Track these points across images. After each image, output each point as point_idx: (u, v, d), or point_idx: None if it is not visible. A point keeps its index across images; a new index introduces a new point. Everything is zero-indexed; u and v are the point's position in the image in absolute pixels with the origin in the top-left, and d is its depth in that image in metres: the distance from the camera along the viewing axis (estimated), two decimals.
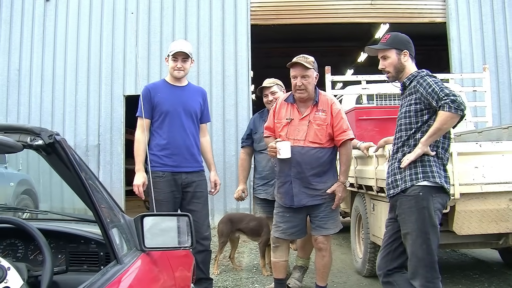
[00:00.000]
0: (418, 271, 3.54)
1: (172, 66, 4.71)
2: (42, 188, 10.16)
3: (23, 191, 9.18)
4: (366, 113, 6.32)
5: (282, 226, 4.69)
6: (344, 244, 8.03)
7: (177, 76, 4.74)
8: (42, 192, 10.23)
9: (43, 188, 10.30)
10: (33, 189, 9.57)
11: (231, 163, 11.01)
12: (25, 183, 9.35)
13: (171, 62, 4.71)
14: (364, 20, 12.57)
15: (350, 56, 18.99)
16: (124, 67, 11.54)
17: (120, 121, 11.49)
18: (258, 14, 11.89)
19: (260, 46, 12.74)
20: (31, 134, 1.73)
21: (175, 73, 4.72)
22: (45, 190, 10.43)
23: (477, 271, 6.01)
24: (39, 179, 10.12)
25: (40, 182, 10.14)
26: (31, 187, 9.52)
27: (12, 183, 8.94)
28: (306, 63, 4.47)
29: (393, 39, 3.81)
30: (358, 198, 6.08)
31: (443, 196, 3.60)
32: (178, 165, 4.64)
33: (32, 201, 9.31)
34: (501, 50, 11.67)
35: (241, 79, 11.60)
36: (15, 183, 9.00)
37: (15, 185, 8.97)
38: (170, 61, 4.71)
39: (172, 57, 4.69)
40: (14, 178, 9.10)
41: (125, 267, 1.91)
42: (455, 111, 3.37)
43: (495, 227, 4.50)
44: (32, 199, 9.34)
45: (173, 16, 11.68)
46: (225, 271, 6.44)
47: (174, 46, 4.75)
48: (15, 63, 11.63)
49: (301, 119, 4.56)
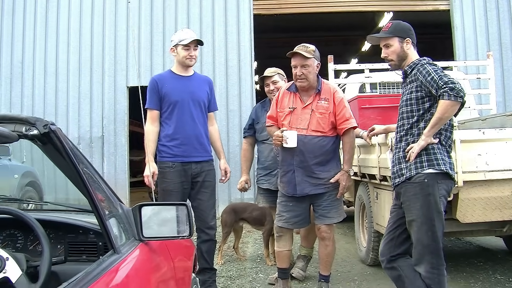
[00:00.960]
0: (423, 257, 3.55)
1: (184, 55, 4.65)
2: (46, 180, 10.18)
3: (27, 183, 9.22)
4: (369, 102, 6.30)
5: (285, 215, 4.68)
6: (349, 233, 8.03)
7: (189, 64, 4.71)
8: (47, 184, 10.25)
9: (48, 180, 10.32)
10: (37, 181, 9.61)
11: (235, 153, 10.97)
12: (29, 175, 9.39)
13: (182, 51, 4.64)
14: (368, 8, 12.54)
15: (355, 45, 18.89)
16: (127, 58, 11.52)
17: (124, 113, 11.47)
18: (260, 3, 11.82)
19: (263, 36, 12.70)
20: (26, 124, 1.72)
21: (187, 61, 4.68)
22: (50, 182, 10.45)
23: (481, 259, 6.00)
24: (44, 171, 10.15)
25: (44, 174, 10.17)
26: (35, 179, 9.56)
27: (17, 175, 8.99)
28: (305, 52, 4.45)
29: (395, 27, 3.81)
30: (362, 187, 6.07)
31: (448, 183, 3.60)
32: (188, 155, 4.62)
33: (37, 193, 9.35)
34: (506, 37, 11.57)
35: (244, 69, 11.56)
36: (19, 175, 9.04)
37: (20, 177, 9.02)
38: (182, 51, 4.65)
39: (185, 47, 4.64)
40: (19, 170, 9.14)
41: (122, 257, 1.91)
42: (454, 98, 3.37)
43: (499, 214, 4.49)
44: (36, 191, 9.38)
45: (175, 7, 11.64)
46: (229, 261, 6.46)
47: (184, 35, 4.69)
48: (18, 55, 11.64)
49: (303, 108, 4.55)
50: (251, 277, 5.70)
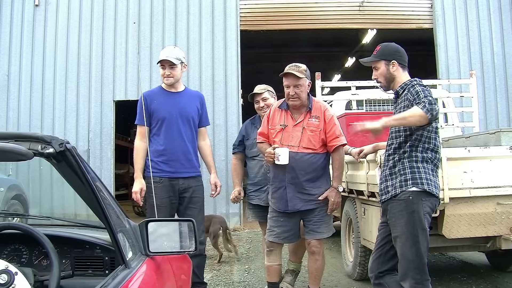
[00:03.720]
0: (408, 273, 3.62)
1: (162, 74, 4.79)
2: (32, 194, 10.12)
3: (13, 196, 9.12)
4: (357, 119, 6.38)
5: (276, 230, 4.73)
6: (334, 248, 8.10)
7: (166, 83, 4.81)
8: (32, 197, 10.18)
9: (33, 193, 10.26)
10: (23, 194, 9.51)
11: (220, 168, 10.98)
12: (15, 188, 9.29)
13: (160, 70, 4.80)
14: (352, 26, 12.71)
15: (338, 61, 19.12)
16: (114, 72, 11.56)
17: (110, 126, 11.48)
18: (247, 19, 11.97)
19: (249, 52, 12.83)
20: (42, 142, 1.78)
21: (164, 80, 4.80)
22: (35, 196, 10.39)
23: (464, 274, 6.11)
24: (29, 184, 10.09)
25: (29, 187, 10.10)
26: (21, 193, 9.46)
27: (2, 188, 8.89)
28: (298, 72, 4.53)
29: (382, 51, 3.95)
30: (349, 203, 6.16)
31: (432, 200, 3.69)
32: (176, 171, 4.71)
33: (22, 206, 9.26)
34: (487, 56, 11.87)
35: (230, 84, 11.66)
36: (5, 188, 8.94)
37: (5, 190, 8.92)
38: (160, 69, 4.80)
39: (160, 65, 4.76)
40: (4, 183, 9.04)
41: (132, 271, 1.97)
42: (426, 111, 3.47)
43: (483, 230, 4.60)
44: (22, 205, 9.27)
45: (163, 22, 11.73)
46: (217, 275, 6.49)
47: (160, 54, 4.82)
48: (3, 68, 11.61)
49: (295, 125, 4.63)
50: None
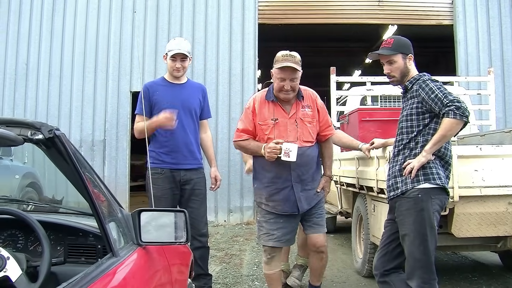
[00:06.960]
0: (415, 271, 3.57)
1: (171, 66, 4.71)
2: (47, 182, 10.22)
3: (28, 184, 9.26)
4: (369, 115, 6.34)
5: (276, 233, 4.33)
6: (346, 244, 8.06)
7: (176, 76, 4.76)
8: (47, 185, 10.29)
9: (48, 181, 10.36)
10: (38, 182, 9.64)
11: (235, 161, 11.02)
12: (30, 176, 9.43)
13: (169, 62, 4.71)
14: (372, 21, 12.56)
15: (358, 57, 18.95)
16: (131, 63, 11.58)
17: (127, 117, 11.52)
18: (265, 13, 11.92)
19: (267, 45, 12.78)
20: (32, 129, 1.78)
21: (174, 73, 4.74)
22: (50, 184, 10.49)
23: (476, 274, 6.02)
24: (45, 172, 10.18)
25: (45, 175, 10.20)
26: (36, 180, 9.60)
27: (18, 175, 9.03)
28: (295, 64, 4.12)
29: (398, 43, 3.81)
30: (360, 199, 6.11)
31: (442, 198, 3.62)
32: (177, 163, 4.68)
33: (37, 194, 9.38)
34: (508, 54, 11.66)
35: (247, 78, 11.64)
36: (20, 175, 9.08)
37: (20, 177, 9.06)
38: (169, 61, 4.71)
39: (171, 57, 4.69)
40: (20, 171, 9.18)
41: (120, 260, 1.95)
42: (460, 117, 3.39)
43: (493, 230, 4.51)
44: (37, 192, 9.41)
45: (181, 14, 11.72)
46: (226, 268, 6.49)
47: (171, 46, 4.73)
48: (23, 57, 11.70)
49: (289, 118, 4.26)
50: (247, 285, 5.73)
